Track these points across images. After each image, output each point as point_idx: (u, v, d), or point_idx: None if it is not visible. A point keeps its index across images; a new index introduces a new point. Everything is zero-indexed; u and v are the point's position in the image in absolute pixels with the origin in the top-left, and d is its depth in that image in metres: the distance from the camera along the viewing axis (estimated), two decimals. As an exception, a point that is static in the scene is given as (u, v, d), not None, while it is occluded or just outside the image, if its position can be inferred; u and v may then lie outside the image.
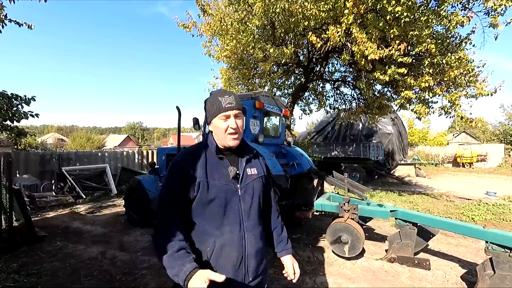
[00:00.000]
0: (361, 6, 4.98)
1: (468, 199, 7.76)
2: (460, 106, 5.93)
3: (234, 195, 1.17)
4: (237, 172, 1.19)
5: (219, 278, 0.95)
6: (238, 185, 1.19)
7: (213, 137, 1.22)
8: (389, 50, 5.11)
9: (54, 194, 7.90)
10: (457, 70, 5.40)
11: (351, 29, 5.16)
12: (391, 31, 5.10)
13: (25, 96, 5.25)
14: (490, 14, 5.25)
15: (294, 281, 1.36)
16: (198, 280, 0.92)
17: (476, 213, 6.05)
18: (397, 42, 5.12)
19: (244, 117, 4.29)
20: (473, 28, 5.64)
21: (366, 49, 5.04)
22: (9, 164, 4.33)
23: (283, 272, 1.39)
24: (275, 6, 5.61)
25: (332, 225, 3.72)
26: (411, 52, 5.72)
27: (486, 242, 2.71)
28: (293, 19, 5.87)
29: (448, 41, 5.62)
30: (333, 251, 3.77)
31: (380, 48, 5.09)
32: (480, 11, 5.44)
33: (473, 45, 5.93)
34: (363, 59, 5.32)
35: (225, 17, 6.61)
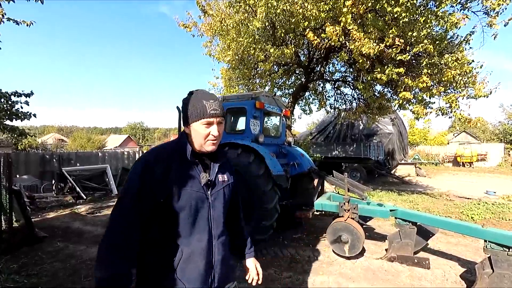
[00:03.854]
0: (360, 6, 4.99)
1: (468, 198, 7.77)
2: (459, 107, 5.94)
3: (205, 202, 1.12)
4: (209, 179, 1.14)
5: None
6: (209, 192, 1.14)
7: (188, 139, 1.14)
8: (385, 46, 5.11)
9: (55, 194, 7.90)
10: (455, 71, 5.41)
11: (348, 28, 5.17)
12: (390, 31, 5.11)
13: (23, 91, 5.27)
14: (489, 14, 5.25)
15: (259, 282, 1.36)
16: None
17: (475, 212, 6.06)
18: (396, 39, 5.12)
19: (245, 117, 4.32)
20: (473, 28, 5.66)
21: (363, 46, 5.05)
22: (9, 165, 4.33)
23: (247, 276, 1.38)
24: (276, 8, 5.63)
25: (332, 225, 3.73)
26: (409, 52, 5.72)
27: (485, 241, 2.72)
28: (293, 20, 5.88)
29: (446, 42, 5.62)
30: (333, 251, 3.77)
31: (375, 43, 5.09)
32: (480, 11, 5.45)
33: (470, 47, 5.95)
34: (361, 57, 5.33)
35: (226, 18, 6.62)
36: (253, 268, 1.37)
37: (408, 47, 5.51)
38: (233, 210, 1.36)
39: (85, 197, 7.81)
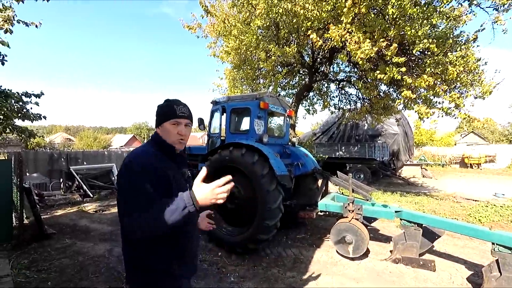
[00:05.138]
0: (362, 6, 4.96)
1: (476, 201, 7.64)
2: (464, 106, 5.86)
3: None
4: (188, 173, 1.39)
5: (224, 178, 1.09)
6: (187, 185, 1.32)
7: (164, 139, 1.29)
8: (381, 47, 5.09)
9: (62, 192, 8.07)
10: (459, 68, 5.33)
11: (347, 30, 5.17)
12: (392, 30, 5.08)
13: (33, 92, 5.39)
14: (498, 10, 5.18)
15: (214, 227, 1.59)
16: (199, 189, 1.07)
17: (483, 214, 5.96)
18: (388, 41, 5.11)
19: (250, 117, 4.34)
20: (481, 26, 5.58)
21: (359, 49, 5.04)
22: (20, 163, 4.45)
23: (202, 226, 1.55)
24: (277, 7, 5.64)
25: (336, 225, 3.72)
26: (411, 51, 5.68)
27: (493, 243, 2.69)
28: (295, 20, 5.89)
29: (450, 41, 5.55)
30: (337, 251, 3.77)
31: (371, 47, 5.07)
32: (489, 7, 5.38)
33: (478, 45, 5.87)
34: (360, 59, 5.31)
35: (229, 18, 6.66)
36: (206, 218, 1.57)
37: (410, 46, 5.47)
38: None
39: (92, 195, 7.94)
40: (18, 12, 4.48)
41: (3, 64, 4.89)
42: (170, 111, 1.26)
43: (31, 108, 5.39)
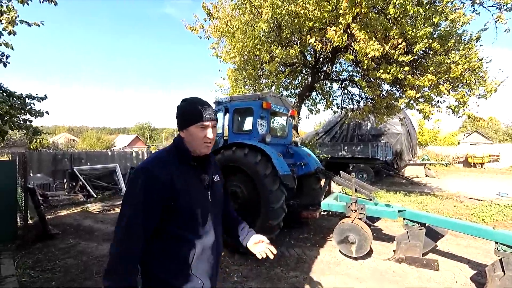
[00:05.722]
0: (363, 6, 4.96)
1: (479, 200, 7.59)
2: (468, 105, 5.83)
3: (207, 202, 1.23)
4: (209, 180, 1.26)
5: None
6: (209, 192, 1.25)
7: (185, 144, 1.20)
8: (389, 47, 5.09)
9: (66, 193, 8.13)
10: (462, 66, 5.30)
11: (351, 29, 5.17)
12: (394, 29, 5.08)
13: (37, 95, 5.45)
14: (501, 9, 5.16)
15: (274, 252, 1.34)
16: None
17: (487, 214, 5.92)
18: (398, 40, 5.10)
19: (252, 117, 4.35)
20: (484, 25, 5.55)
21: (367, 47, 5.03)
22: (24, 164, 4.49)
23: (257, 250, 1.35)
24: (281, 9, 5.65)
25: (339, 225, 3.72)
26: (413, 51, 5.67)
27: (496, 243, 2.67)
28: (296, 20, 5.90)
29: (453, 41, 5.53)
30: (340, 251, 3.76)
31: (379, 45, 5.07)
32: (492, 6, 5.36)
33: (481, 45, 5.84)
34: (366, 58, 5.30)
35: (232, 20, 6.68)
36: (259, 238, 1.39)
37: (412, 46, 5.46)
38: (225, 204, 1.45)
39: (95, 196, 8.00)
40: (23, 12, 4.52)
41: (5, 66, 4.93)
42: (196, 113, 1.15)
43: (33, 105, 5.44)
